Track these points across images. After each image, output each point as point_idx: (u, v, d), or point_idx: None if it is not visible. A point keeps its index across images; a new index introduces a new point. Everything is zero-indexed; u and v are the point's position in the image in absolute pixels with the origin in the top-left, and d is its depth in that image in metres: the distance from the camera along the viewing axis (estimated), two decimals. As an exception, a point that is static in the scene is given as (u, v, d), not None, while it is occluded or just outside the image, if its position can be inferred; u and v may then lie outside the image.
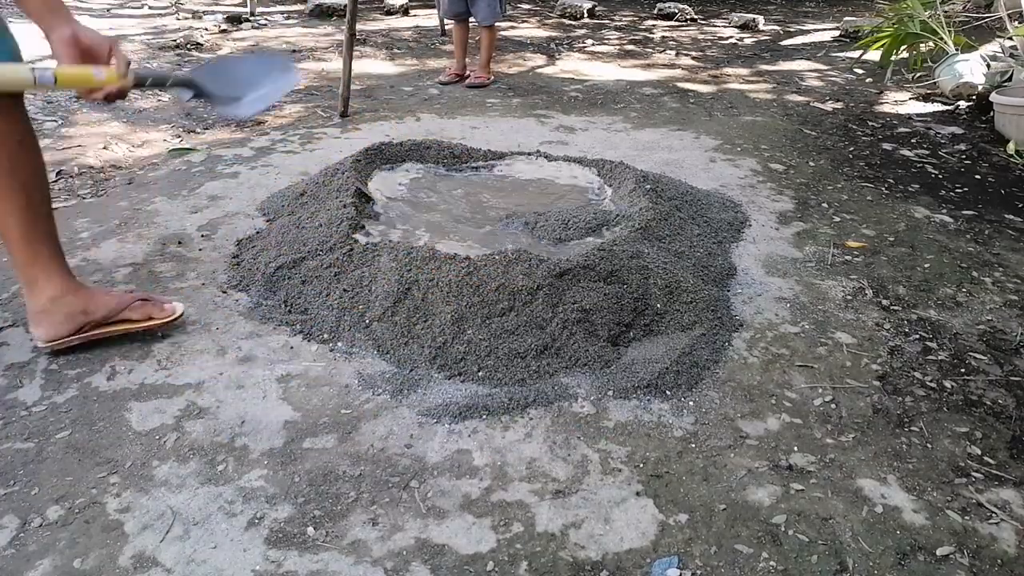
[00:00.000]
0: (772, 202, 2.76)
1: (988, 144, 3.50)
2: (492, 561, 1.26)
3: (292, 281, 1.99)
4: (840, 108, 4.12)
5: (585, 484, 1.43)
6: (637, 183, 2.40)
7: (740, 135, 3.54)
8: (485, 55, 4.37)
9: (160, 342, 1.82)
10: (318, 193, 2.37)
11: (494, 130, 3.48)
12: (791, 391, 1.72)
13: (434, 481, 1.43)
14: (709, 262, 2.17)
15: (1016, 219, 2.70)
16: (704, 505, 1.40)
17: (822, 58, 5.48)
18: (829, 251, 2.39)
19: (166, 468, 1.44)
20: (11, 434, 1.52)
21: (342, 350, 1.79)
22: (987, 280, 2.26)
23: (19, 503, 1.35)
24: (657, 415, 1.62)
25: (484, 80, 4.34)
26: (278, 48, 2.63)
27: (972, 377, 1.80)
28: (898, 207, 2.77)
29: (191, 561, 1.25)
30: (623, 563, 1.27)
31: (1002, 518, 1.39)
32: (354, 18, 3.46)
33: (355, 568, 1.24)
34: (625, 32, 6.33)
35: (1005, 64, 3.93)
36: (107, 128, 3.35)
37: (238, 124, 3.01)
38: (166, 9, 6.62)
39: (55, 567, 1.23)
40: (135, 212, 2.50)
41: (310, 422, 1.57)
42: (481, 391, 1.66)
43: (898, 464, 1.52)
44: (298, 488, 1.40)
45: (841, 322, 2.00)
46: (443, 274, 1.80)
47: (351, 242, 2.00)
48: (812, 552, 1.30)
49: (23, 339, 1.82)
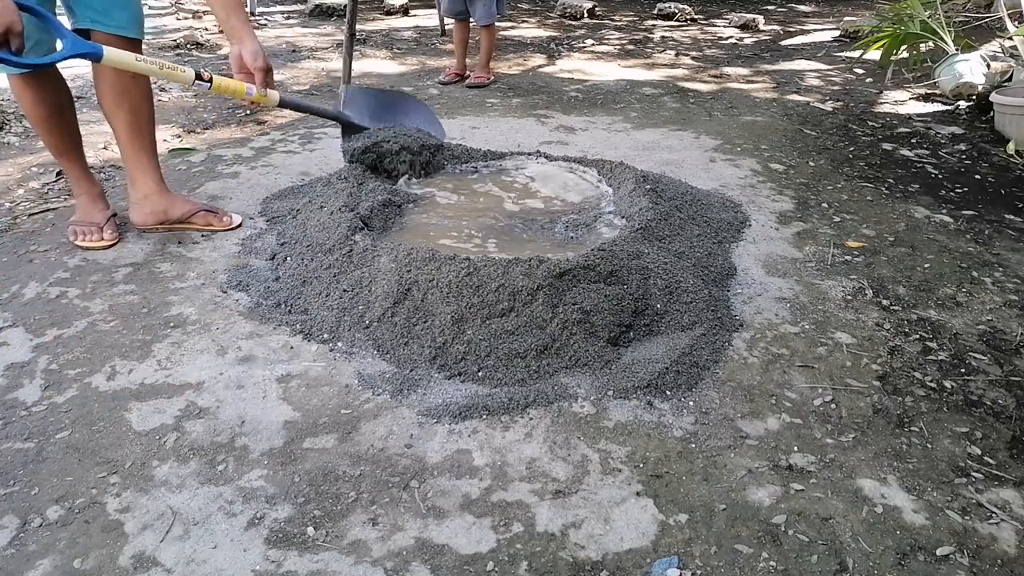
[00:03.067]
0: (772, 202, 2.76)
1: (988, 144, 3.50)
2: (492, 561, 1.26)
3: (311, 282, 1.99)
4: (840, 108, 4.12)
5: (585, 484, 1.43)
6: (637, 183, 2.40)
7: (740, 135, 3.54)
8: (484, 55, 4.37)
9: (160, 342, 1.82)
10: (319, 196, 2.37)
11: (494, 130, 3.48)
12: (791, 391, 1.72)
13: (434, 481, 1.43)
14: (709, 262, 2.17)
15: (1016, 219, 2.70)
16: (704, 505, 1.40)
17: (822, 58, 5.48)
18: (829, 251, 2.39)
19: (166, 468, 1.44)
20: (11, 434, 1.52)
21: (342, 350, 1.79)
22: (987, 280, 2.26)
23: (19, 503, 1.36)
24: (657, 415, 1.62)
25: (484, 80, 4.34)
26: (367, 85, 2.65)
27: (972, 377, 1.80)
28: (898, 207, 2.77)
29: (191, 561, 1.25)
30: (623, 563, 1.27)
31: (1002, 518, 1.39)
32: (354, 18, 3.47)
33: (355, 568, 1.24)
34: (625, 32, 6.33)
35: (1005, 64, 3.93)
36: (107, 128, 3.35)
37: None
38: (166, 9, 6.62)
39: (55, 567, 1.23)
40: (135, 212, 2.50)
41: (310, 422, 1.57)
42: (481, 391, 1.66)
43: (898, 464, 1.52)
44: (298, 488, 1.40)
45: (841, 322, 2.00)
46: (443, 274, 1.80)
47: (351, 243, 2.00)
48: (812, 552, 1.30)
49: (23, 339, 1.82)
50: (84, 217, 2.30)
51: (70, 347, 1.80)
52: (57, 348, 1.79)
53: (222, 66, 4.57)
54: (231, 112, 3.67)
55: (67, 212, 2.49)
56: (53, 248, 2.25)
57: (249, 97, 2.02)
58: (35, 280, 2.08)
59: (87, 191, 2.32)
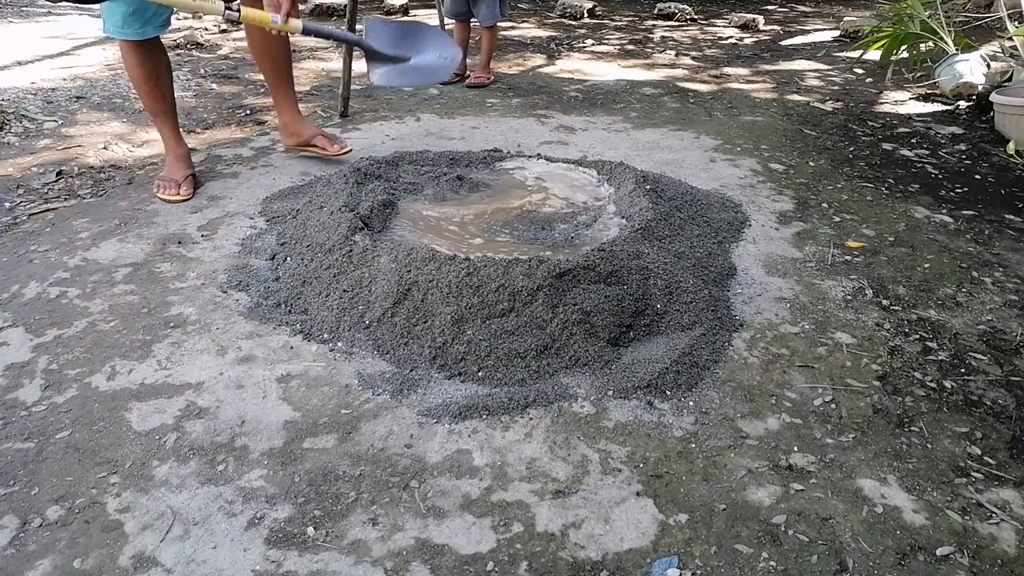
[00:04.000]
0: (772, 202, 2.76)
1: (988, 144, 3.50)
2: (492, 561, 1.27)
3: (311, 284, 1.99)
4: (840, 108, 4.12)
5: (585, 484, 1.43)
6: (637, 183, 2.40)
7: (740, 135, 3.54)
8: (485, 56, 4.38)
9: (160, 342, 1.82)
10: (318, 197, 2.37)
11: (494, 130, 3.48)
12: (791, 391, 1.72)
13: (434, 481, 1.43)
14: (709, 262, 2.17)
15: (1016, 219, 2.70)
16: (704, 505, 1.40)
17: (822, 58, 5.48)
18: (829, 251, 2.39)
19: (166, 468, 1.44)
20: (11, 434, 1.52)
21: (342, 350, 1.79)
22: (987, 280, 2.26)
23: (19, 503, 1.36)
24: (657, 415, 1.62)
25: (484, 80, 4.34)
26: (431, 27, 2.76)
27: (972, 377, 1.80)
28: (898, 207, 2.77)
29: (191, 561, 1.25)
30: (623, 563, 1.27)
31: (1002, 518, 1.39)
32: (354, 18, 3.46)
33: (355, 568, 1.24)
34: (625, 32, 6.33)
35: (1005, 64, 3.93)
36: (107, 128, 3.36)
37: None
38: (166, 9, 6.61)
39: (55, 567, 1.23)
40: (135, 212, 2.50)
41: (310, 422, 1.57)
42: (481, 391, 1.66)
43: (898, 464, 1.52)
44: (298, 488, 1.40)
45: (841, 322, 2.00)
46: (443, 275, 1.80)
47: (351, 243, 2.00)
48: (812, 552, 1.30)
49: (23, 339, 1.82)
50: (169, 174, 2.64)
51: (70, 347, 1.80)
52: (57, 348, 1.79)
53: (222, 66, 4.57)
54: (231, 112, 3.67)
55: (67, 212, 2.49)
56: (53, 248, 2.26)
57: (275, 26, 2.23)
58: (35, 280, 2.08)
59: (174, 151, 2.66)
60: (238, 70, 4.50)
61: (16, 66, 4.30)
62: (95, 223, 2.42)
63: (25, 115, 3.42)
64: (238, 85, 4.19)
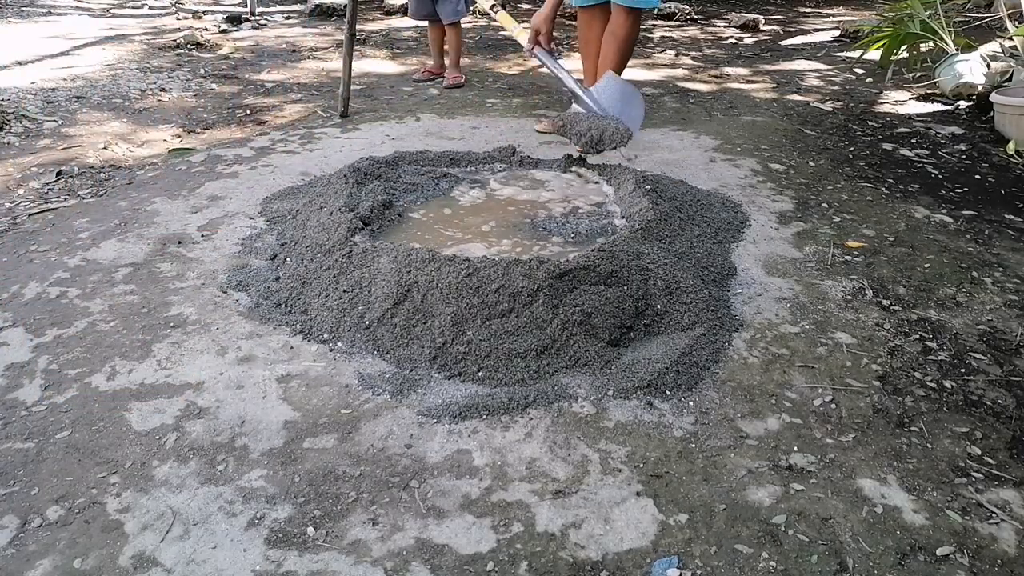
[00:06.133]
0: (772, 202, 2.76)
1: (988, 144, 3.50)
2: (492, 561, 1.26)
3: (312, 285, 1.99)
4: (840, 108, 4.12)
5: (585, 484, 1.43)
6: (637, 183, 2.40)
7: (740, 135, 3.54)
8: (454, 55, 4.35)
9: (160, 342, 1.82)
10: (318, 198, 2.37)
11: (494, 130, 3.48)
12: (791, 391, 1.72)
13: (434, 481, 1.43)
14: (709, 262, 2.17)
15: (1016, 219, 2.70)
16: (704, 505, 1.40)
17: (822, 58, 5.48)
18: (829, 251, 2.39)
19: (166, 468, 1.44)
20: (11, 434, 1.52)
21: (342, 350, 1.79)
22: (987, 280, 2.26)
23: (19, 503, 1.36)
24: (657, 415, 1.62)
25: (459, 80, 4.31)
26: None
27: (972, 377, 1.80)
28: (898, 207, 2.77)
29: (191, 561, 1.25)
30: (623, 563, 1.27)
31: (1002, 518, 1.39)
32: (354, 18, 3.46)
33: (355, 568, 1.24)
34: (625, 32, 6.32)
35: (1005, 64, 3.93)
36: (107, 128, 3.36)
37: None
38: (166, 9, 6.62)
39: (55, 567, 1.23)
40: (135, 212, 2.50)
41: (310, 422, 1.57)
42: (481, 391, 1.66)
43: (898, 464, 1.52)
44: (298, 488, 1.40)
45: (841, 322, 2.00)
46: (443, 275, 1.80)
47: (351, 243, 2.00)
48: (812, 552, 1.30)
49: (23, 339, 1.82)
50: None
51: (70, 347, 1.80)
52: (57, 348, 1.79)
53: (222, 66, 4.58)
54: (231, 112, 3.67)
55: (67, 212, 2.49)
56: (53, 248, 2.26)
57: (512, 32, 2.81)
58: (35, 280, 2.08)
59: None
60: (238, 70, 4.50)
61: (16, 66, 4.31)
62: (95, 223, 2.42)
63: (25, 115, 3.42)
64: (238, 85, 4.19)
